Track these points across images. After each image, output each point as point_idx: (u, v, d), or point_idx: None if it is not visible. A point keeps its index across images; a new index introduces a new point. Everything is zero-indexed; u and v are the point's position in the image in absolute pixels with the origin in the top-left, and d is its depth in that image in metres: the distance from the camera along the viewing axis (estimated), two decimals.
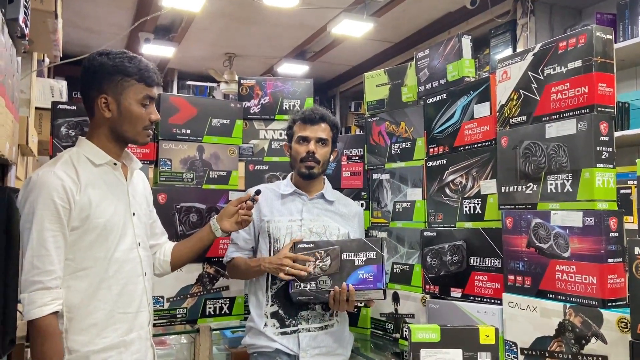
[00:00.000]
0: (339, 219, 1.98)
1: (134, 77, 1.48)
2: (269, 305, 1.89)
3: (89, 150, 1.50)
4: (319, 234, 1.93)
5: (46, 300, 1.34)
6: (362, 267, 1.78)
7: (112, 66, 1.47)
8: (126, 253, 1.51)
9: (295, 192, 1.98)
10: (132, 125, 1.51)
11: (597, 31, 1.45)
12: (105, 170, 1.52)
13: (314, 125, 1.95)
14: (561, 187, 1.50)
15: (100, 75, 1.48)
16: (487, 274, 1.75)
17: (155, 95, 1.55)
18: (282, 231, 1.92)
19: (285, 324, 1.87)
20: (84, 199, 1.43)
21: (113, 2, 4.65)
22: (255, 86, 2.50)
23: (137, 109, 1.50)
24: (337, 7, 4.54)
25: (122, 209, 1.53)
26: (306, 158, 1.92)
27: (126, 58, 1.49)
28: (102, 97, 1.48)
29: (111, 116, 1.49)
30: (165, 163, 2.23)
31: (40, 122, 2.88)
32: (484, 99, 1.80)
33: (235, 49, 6.00)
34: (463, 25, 4.63)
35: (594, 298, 1.41)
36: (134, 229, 1.55)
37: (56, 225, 1.38)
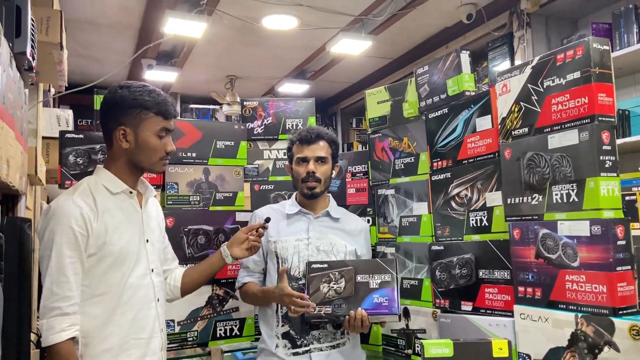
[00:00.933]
0: (345, 235, 1.99)
1: (152, 110, 1.54)
2: (279, 326, 1.89)
3: (106, 179, 1.55)
4: (326, 251, 1.94)
5: (64, 326, 1.38)
6: (377, 291, 1.77)
7: (132, 99, 1.54)
8: (140, 279, 1.54)
9: (300, 212, 2.00)
10: (149, 156, 1.56)
11: (594, 42, 1.48)
12: (122, 198, 1.57)
13: (311, 144, 1.96)
14: (566, 197, 1.51)
15: (119, 108, 1.54)
16: (497, 286, 1.75)
17: (172, 127, 1.60)
18: (290, 251, 1.93)
19: (297, 344, 1.86)
20: (100, 226, 1.47)
21: (115, 31, 4.73)
22: (258, 107, 2.53)
23: (154, 141, 1.55)
24: (336, 27, 4.61)
25: (136, 236, 1.57)
26: (306, 178, 1.94)
27: (146, 91, 1.55)
28: (120, 129, 1.54)
29: (129, 147, 1.55)
30: (172, 187, 2.25)
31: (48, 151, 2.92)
32: (485, 112, 1.82)
33: (236, 71, 6.07)
34: (460, 39, 4.68)
35: (604, 307, 1.41)
36: (147, 256, 1.59)
37: (74, 252, 1.42)
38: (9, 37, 1.58)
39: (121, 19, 4.48)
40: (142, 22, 4.54)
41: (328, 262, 1.84)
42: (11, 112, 1.49)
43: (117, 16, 4.43)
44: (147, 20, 4.44)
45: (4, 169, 1.38)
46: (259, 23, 4.47)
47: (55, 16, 2.24)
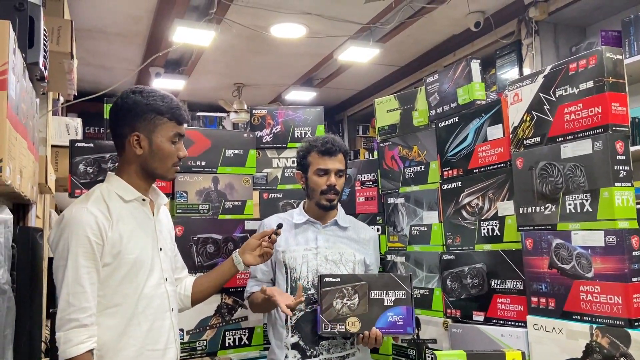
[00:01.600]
0: (354, 244, 1.99)
1: (166, 116, 1.52)
2: (289, 336, 1.88)
3: (119, 187, 1.53)
4: (335, 261, 1.93)
5: (82, 338, 1.35)
6: (391, 309, 1.75)
7: (146, 104, 1.52)
8: (154, 289, 1.52)
9: (308, 221, 1.98)
10: (163, 162, 1.54)
11: (607, 52, 1.47)
12: (135, 206, 1.54)
13: (332, 156, 1.93)
14: (580, 207, 1.50)
15: (133, 113, 1.52)
16: (509, 296, 1.73)
17: (184, 132, 1.59)
18: (298, 260, 1.92)
19: (307, 354, 1.85)
20: (115, 234, 1.45)
21: (125, 40, 4.75)
22: (267, 116, 2.53)
23: (168, 147, 1.53)
24: (344, 35, 4.62)
25: (150, 245, 1.54)
26: (327, 190, 1.92)
27: (159, 97, 1.54)
28: (134, 135, 1.51)
29: (142, 153, 1.52)
30: (181, 195, 2.25)
31: (57, 160, 2.94)
32: (496, 121, 1.81)
33: (243, 79, 6.09)
34: (468, 47, 4.67)
35: (620, 318, 1.39)
36: (161, 264, 1.56)
37: (91, 262, 1.40)
38: (23, 48, 1.59)
39: (130, 27, 4.51)
40: (151, 31, 4.57)
41: (341, 276, 1.80)
42: (24, 122, 1.50)
43: (126, 25, 4.46)
44: (156, 29, 4.47)
45: (17, 179, 1.39)
46: (267, 31, 4.49)
47: (66, 26, 2.26)
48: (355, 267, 1.95)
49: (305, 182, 1.99)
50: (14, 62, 1.31)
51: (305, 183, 2.00)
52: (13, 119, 1.30)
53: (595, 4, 3.70)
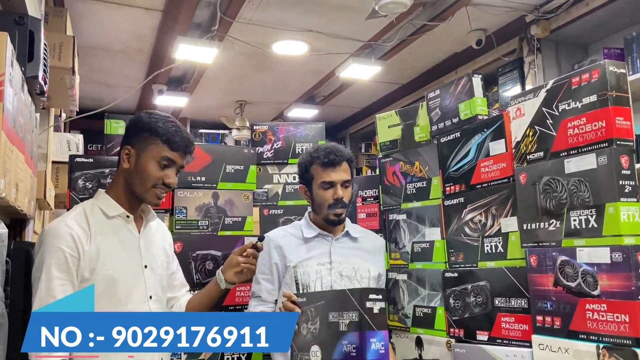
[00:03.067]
0: (367, 255, 1.89)
1: (160, 138, 1.52)
2: None
3: (103, 202, 1.53)
4: (349, 277, 1.82)
5: None
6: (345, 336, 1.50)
7: (145, 123, 1.53)
8: (137, 306, 1.49)
9: (319, 235, 1.87)
10: (142, 182, 1.51)
11: (610, 65, 1.45)
12: (117, 222, 1.53)
13: (336, 167, 1.81)
14: (585, 222, 1.47)
15: (132, 129, 1.55)
16: (513, 315, 1.69)
17: (178, 160, 1.55)
18: (312, 276, 1.79)
19: None
20: (92, 249, 1.44)
21: (128, 57, 4.79)
22: (268, 131, 2.52)
23: (152, 167, 1.51)
24: (345, 53, 4.64)
25: (133, 261, 1.53)
26: (335, 205, 1.79)
27: (162, 120, 1.54)
28: (125, 148, 1.54)
29: (128, 168, 1.53)
30: (180, 211, 2.23)
31: (57, 176, 2.93)
32: (498, 136, 1.80)
33: (246, 96, 6.12)
34: (470, 64, 4.69)
35: (627, 337, 1.35)
36: (145, 282, 1.53)
37: (64, 274, 1.38)
38: (22, 61, 1.59)
39: (133, 45, 4.54)
40: (153, 49, 4.60)
41: (307, 295, 1.60)
42: (22, 135, 1.49)
43: (129, 42, 4.49)
44: (159, 47, 4.50)
45: (12, 192, 1.37)
46: (269, 49, 4.51)
47: (68, 42, 2.27)
48: (370, 283, 1.84)
49: (310, 197, 1.88)
50: (12, 74, 1.30)
51: (310, 197, 1.89)
52: (9, 131, 1.28)
53: (597, 22, 3.72)
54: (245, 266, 1.64)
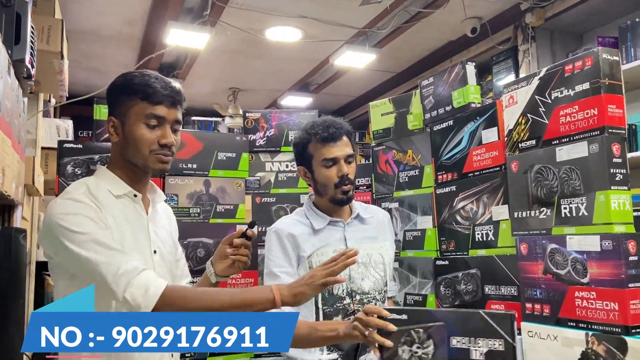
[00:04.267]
0: (377, 236, 1.76)
1: (138, 95, 1.31)
2: (324, 353, 1.60)
3: (108, 180, 1.34)
4: (365, 264, 1.68)
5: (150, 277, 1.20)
6: None
7: (121, 85, 1.34)
8: None
9: (330, 223, 1.70)
10: (137, 149, 1.32)
11: (603, 53, 1.44)
12: (125, 202, 1.35)
13: (337, 141, 1.66)
14: (576, 210, 1.47)
15: (111, 97, 1.36)
16: (503, 302, 1.70)
17: (168, 115, 1.33)
18: None
19: None
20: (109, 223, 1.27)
21: (118, 42, 4.73)
22: (261, 119, 2.51)
23: (140, 130, 1.31)
24: (340, 40, 4.60)
25: (142, 246, 1.35)
26: (341, 182, 1.64)
27: (138, 76, 1.33)
28: (110, 120, 1.35)
29: (118, 140, 1.34)
30: (171, 198, 2.21)
31: (47, 162, 2.90)
32: (491, 124, 1.79)
33: (239, 83, 6.07)
34: (464, 53, 4.66)
35: (616, 325, 1.36)
36: (154, 269, 1.34)
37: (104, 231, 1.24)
38: (8, 44, 1.56)
39: (124, 30, 4.48)
40: (144, 34, 4.54)
41: (407, 311, 1.33)
42: (8, 119, 1.47)
43: (120, 27, 4.43)
44: (150, 32, 4.45)
45: None
46: (262, 35, 4.47)
47: (56, 25, 2.23)
48: (387, 269, 1.73)
49: (312, 178, 1.71)
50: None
51: (311, 179, 1.71)
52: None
53: (591, 10, 3.70)
54: (234, 258, 1.47)
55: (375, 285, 1.69)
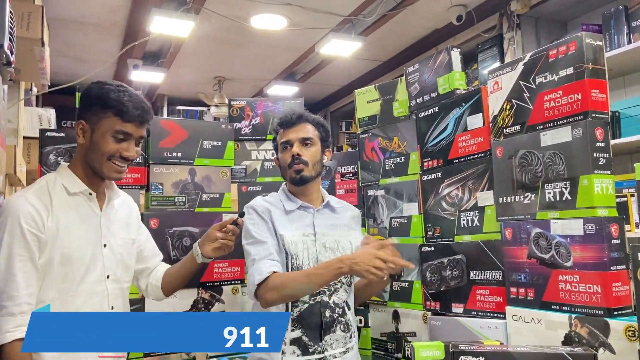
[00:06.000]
0: (346, 226, 1.87)
1: (111, 110, 1.45)
2: (289, 330, 1.69)
3: (66, 178, 1.49)
4: (332, 249, 1.79)
5: (9, 327, 1.32)
6: None
7: (96, 96, 1.47)
8: (93, 285, 1.48)
9: (301, 207, 1.82)
10: (99, 157, 1.47)
11: (587, 38, 1.45)
12: (79, 199, 1.50)
13: (294, 126, 1.81)
14: (559, 195, 1.48)
15: (84, 102, 1.49)
16: (488, 287, 1.71)
17: (135, 132, 1.49)
18: (299, 246, 1.74)
19: (309, 350, 1.69)
20: (53, 225, 1.41)
21: (101, 30, 4.66)
22: (246, 107, 2.48)
23: (107, 143, 1.46)
24: (325, 28, 4.58)
25: (92, 240, 1.50)
26: (292, 162, 1.77)
27: (114, 90, 1.47)
28: (79, 123, 1.48)
29: (84, 143, 1.49)
30: (156, 187, 2.19)
31: (29, 152, 2.85)
32: (476, 110, 1.79)
33: (224, 72, 6.02)
34: (450, 41, 4.67)
35: (599, 307, 1.38)
36: (103, 261, 1.51)
37: (24, 250, 1.36)
38: None
39: (107, 17, 4.41)
40: (128, 21, 4.48)
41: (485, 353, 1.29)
42: None
43: (102, 15, 4.36)
44: (133, 20, 4.38)
45: None
46: (247, 22, 4.43)
47: (36, 11, 2.18)
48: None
49: (279, 164, 1.87)
50: None
51: (279, 165, 1.88)
52: None
53: None
54: (223, 242, 1.64)
55: None
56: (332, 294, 1.74)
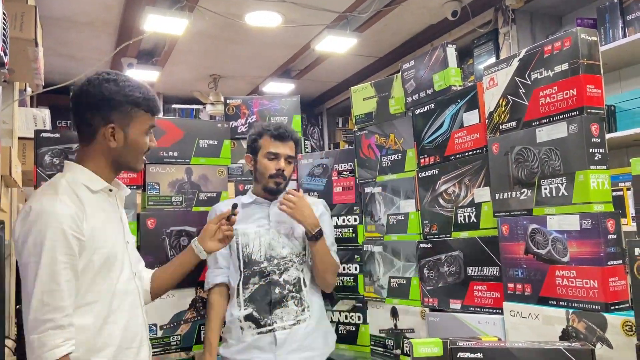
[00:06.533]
0: None
1: (143, 108, 1.46)
2: (241, 309, 1.92)
3: (85, 177, 1.42)
4: (287, 235, 1.99)
5: (58, 342, 1.24)
6: None
7: (123, 95, 1.42)
8: (126, 284, 1.44)
9: (256, 201, 2.03)
10: (135, 155, 1.48)
11: (581, 33, 1.45)
12: (102, 197, 1.45)
13: (284, 142, 1.99)
14: (556, 191, 1.48)
15: (109, 104, 1.41)
16: (486, 283, 1.72)
17: (155, 123, 1.54)
18: (251, 236, 1.96)
19: (260, 324, 1.90)
20: (88, 227, 1.34)
21: (95, 28, 4.63)
22: (242, 105, 2.48)
23: (143, 140, 1.48)
24: (320, 24, 4.56)
25: (120, 238, 1.47)
26: (276, 175, 1.97)
27: (135, 87, 1.47)
28: (109, 127, 1.41)
29: (116, 146, 1.43)
30: (153, 187, 2.19)
31: (24, 152, 2.84)
32: (472, 106, 1.79)
33: (219, 70, 5.99)
34: (445, 36, 4.66)
35: (596, 302, 1.38)
36: (130, 259, 1.49)
37: (68, 257, 1.28)
38: None
39: (100, 16, 4.38)
40: (121, 20, 4.45)
41: (484, 350, 1.30)
42: None
43: (96, 13, 4.33)
44: (127, 18, 4.36)
45: None
46: (241, 20, 4.41)
47: (29, 12, 2.17)
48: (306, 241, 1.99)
49: (254, 166, 2.03)
50: None
51: (254, 166, 2.04)
52: None
53: None
54: (227, 233, 1.71)
55: (293, 250, 1.99)
56: (283, 273, 1.95)
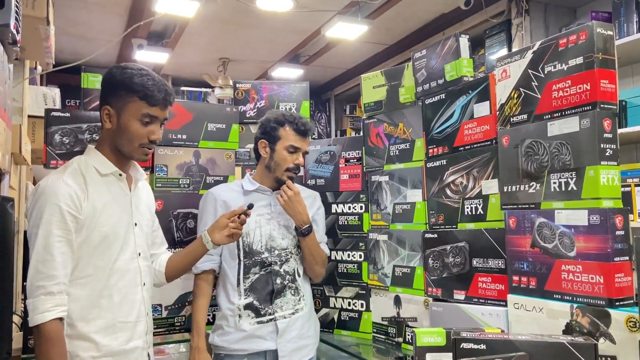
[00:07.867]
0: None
1: (137, 95, 1.49)
2: (242, 299, 1.91)
3: (97, 160, 1.53)
4: (287, 227, 1.97)
5: (48, 306, 1.35)
6: None
7: (120, 80, 1.50)
8: (127, 263, 1.54)
9: (259, 189, 1.99)
10: (129, 141, 1.51)
11: (597, 27, 1.43)
12: (111, 180, 1.55)
13: (306, 137, 1.98)
14: (565, 185, 1.48)
15: (108, 87, 1.52)
16: (490, 275, 1.72)
17: (160, 115, 1.54)
18: (251, 225, 1.93)
19: (261, 313, 1.90)
20: (89, 206, 1.46)
21: (105, 9, 4.62)
22: (251, 90, 2.47)
23: (135, 126, 1.50)
24: (332, 10, 4.53)
25: (125, 219, 1.55)
26: (294, 169, 1.96)
27: (137, 74, 1.50)
28: (105, 109, 1.52)
29: (111, 128, 1.52)
30: (161, 169, 2.20)
31: (34, 131, 2.85)
32: (483, 98, 1.78)
33: (229, 53, 5.98)
34: (457, 26, 4.62)
35: (601, 297, 1.39)
36: (135, 239, 1.58)
37: (62, 231, 1.40)
38: None
39: None
40: (132, 1, 4.44)
41: (487, 341, 1.27)
42: None
43: None
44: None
45: None
46: (252, 3, 4.38)
47: None
48: None
49: (270, 154, 1.97)
50: None
51: (269, 154, 1.97)
52: None
53: None
54: (234, 231, 1.71)
55: (293, 242, 1.98)
56: (283, 264, 1.95)
